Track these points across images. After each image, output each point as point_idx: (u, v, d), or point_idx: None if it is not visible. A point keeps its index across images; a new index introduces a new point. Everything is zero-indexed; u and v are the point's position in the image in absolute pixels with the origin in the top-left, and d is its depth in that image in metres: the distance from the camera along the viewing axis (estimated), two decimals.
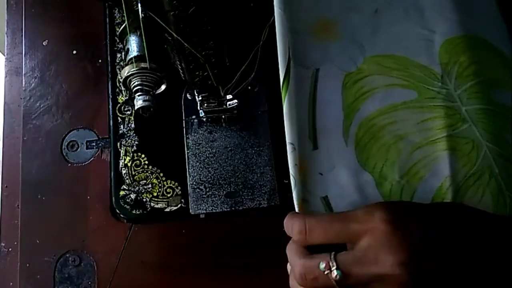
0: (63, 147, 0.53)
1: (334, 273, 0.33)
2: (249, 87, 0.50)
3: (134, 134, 0.52)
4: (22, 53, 0.57)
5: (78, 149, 0.53)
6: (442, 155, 0.42)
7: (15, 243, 0.50)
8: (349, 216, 0.35)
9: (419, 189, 0.40)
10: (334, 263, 0.33)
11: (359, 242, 0.34)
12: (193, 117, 0.52)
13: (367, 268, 0.33)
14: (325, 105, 0.43)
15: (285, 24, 0.43)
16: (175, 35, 0.37)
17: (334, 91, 0.44)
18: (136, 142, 0.52)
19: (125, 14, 0.39)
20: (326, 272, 0.33)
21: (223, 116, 0.52)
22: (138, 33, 0.43)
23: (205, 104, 0.50)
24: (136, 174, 0.50)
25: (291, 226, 0.36)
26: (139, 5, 0.36)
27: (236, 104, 0.50)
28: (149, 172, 0.51)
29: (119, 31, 0.46)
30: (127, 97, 0.53)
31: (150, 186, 0.50)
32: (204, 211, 0.49)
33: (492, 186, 0.41)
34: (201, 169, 0.51)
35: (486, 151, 0.42)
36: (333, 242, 0.35)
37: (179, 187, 0.50)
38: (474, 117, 0.43)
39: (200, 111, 0.51)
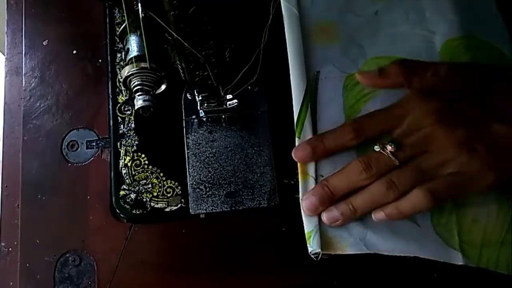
0: (63, 147, 0.53)
1: (388, 147, 0.37)
2: (249, 87, 0.50)
3: (134, 134, 0.52)
4: (22, 53, 0.57)
5: (78, 149, 0.53)
6: None
7: (15, 243, 0.50)
8: (391, 105, 0.41)
9: None
10: (386, 141, 0.38)
11: (403, 122, 0.39)
12: (193, 117, 0.52)
13: (415, 136, 0.38)
14: (326, 107, 0.43)
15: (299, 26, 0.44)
16: (175, 35, 0.37)
17: (335, 93, 0.44)
18: (136, 142, 0.52)
19: (125, 14, 0.39)
20: (381, 150, 0.38)
21: (223, 116, 0.52)
22: (138, 33, 0.43)
23: (205, 104, 0.50)
24: (136, 174, 0.50)
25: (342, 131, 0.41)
26: (139, 5, 0.36)
27: (236, 104, 0.50)
28: (149, 172, 0.51)
29: (119, 31, 0.46)
30: (127, 97, 0.53)
31: (150, 186, 0.50)
32: (204, 211, 0.49)
33: None
34: (201, 169, 0.51)
35: None
36: (382, 129, 0.39)
37: (179, 187, 0.50)
38: None
39: (200, 111, 0.51)
